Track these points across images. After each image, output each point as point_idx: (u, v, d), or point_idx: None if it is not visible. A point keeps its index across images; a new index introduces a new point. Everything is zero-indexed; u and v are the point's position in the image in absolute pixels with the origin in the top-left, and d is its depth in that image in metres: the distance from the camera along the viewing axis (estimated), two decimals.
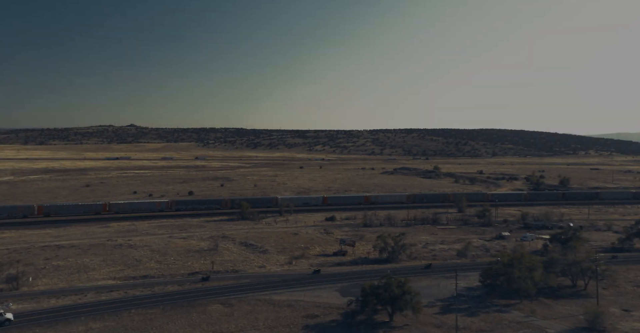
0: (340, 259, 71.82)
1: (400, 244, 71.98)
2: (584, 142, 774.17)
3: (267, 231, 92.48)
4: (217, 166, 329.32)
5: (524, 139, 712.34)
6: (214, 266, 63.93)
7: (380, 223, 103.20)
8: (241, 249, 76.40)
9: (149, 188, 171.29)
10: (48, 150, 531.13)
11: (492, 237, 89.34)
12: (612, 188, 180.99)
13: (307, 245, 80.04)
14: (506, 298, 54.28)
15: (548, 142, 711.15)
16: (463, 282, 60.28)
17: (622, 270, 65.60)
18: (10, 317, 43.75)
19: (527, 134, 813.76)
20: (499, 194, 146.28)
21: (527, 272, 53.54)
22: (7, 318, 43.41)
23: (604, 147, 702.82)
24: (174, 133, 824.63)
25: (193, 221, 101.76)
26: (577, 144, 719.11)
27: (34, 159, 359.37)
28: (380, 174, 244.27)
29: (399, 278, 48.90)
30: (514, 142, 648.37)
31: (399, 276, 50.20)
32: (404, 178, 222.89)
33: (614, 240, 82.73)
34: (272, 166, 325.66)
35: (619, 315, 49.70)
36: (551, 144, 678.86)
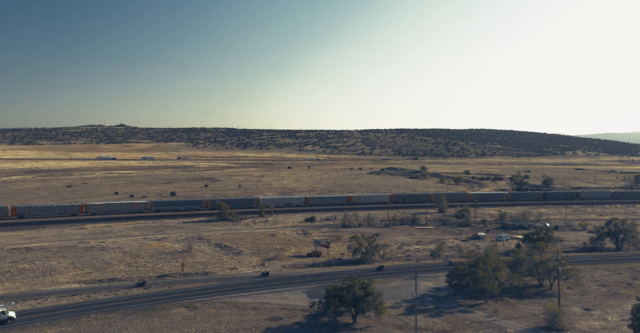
0: (314, 260, 71.71)
1: (373, 245, 72.16)
2: (572, 142, 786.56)
3: (245, 232, 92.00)
4: (205, 166, 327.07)
5: (513, 139, 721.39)
6: (184, 268, 63.33)
7: (360, 223, 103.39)
8: (215, 250, 75.86)
9: (132, 188, 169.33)
10: (35, 150, 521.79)
11: (467, 237, 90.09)
12: (594, 188, 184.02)
13: (283, 246, 79.78)
14: (472, 298, 54.73)
15: (536, 142, 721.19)
16: (432, 283, 60.70)
17: (590, 269, 66.63)
18: (13, 315, 44.73)
19: (516, 134, 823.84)
20: (481, 195, 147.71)
21: (491, 272, 54.06)
22: (10, 316, 44.56)
23: (592, 147, 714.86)
24: (164, 132, 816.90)
25: (171, 223, 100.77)
26: (565, 145, 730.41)
27: (19, 160, 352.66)
28: (367, 174, 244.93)
29: (362, 279, 48.95)
30: (503, 142, 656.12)
31: (364, 278, 50.26)
32: (390, 178, 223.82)
33: (587, 239, 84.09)
34: (260, 167, 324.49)
35: (580, 314, 50.45)
36: (539, 144, 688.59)
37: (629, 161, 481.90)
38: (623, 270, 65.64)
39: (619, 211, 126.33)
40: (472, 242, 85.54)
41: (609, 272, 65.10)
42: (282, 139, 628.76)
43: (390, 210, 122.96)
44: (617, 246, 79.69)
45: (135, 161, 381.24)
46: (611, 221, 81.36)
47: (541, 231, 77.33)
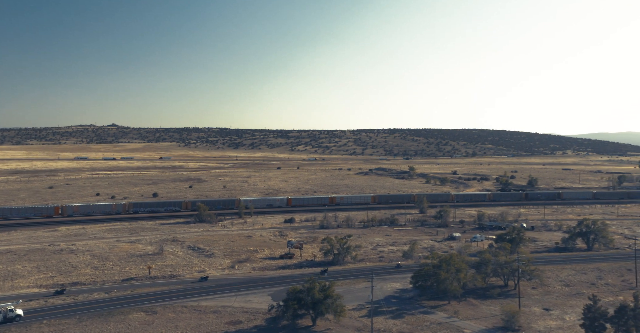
0: (286, 262, 71.45)
1: (345, 246, 72.07)
2: (562, 142, 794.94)
3: (221, 234, 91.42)
4: (194, 167, 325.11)
5: (504, 139, 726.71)
6: (150, 271, 62.68)
7: (338, 224, 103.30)
8: (187, 253, 75.24)
9: (115, 189, 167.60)
10: (23, 150, 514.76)
11: (443, 238, 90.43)
12: (576, 188, 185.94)
13: (257, 248, 79.41)
14: (436, 299, 54.89)
15: (527, 142, 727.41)
16: (399, 284, 60.78)
17: (557, 269, 67.20)
18: (21, 313, 46.62)
19: (507, 134, 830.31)
20: (464, 195, 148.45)
21: (454, 273, 54.25)
22: (18, 314, 46.29)
23: (581, 147, 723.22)
24: (156, 133, 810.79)
25: (147, 224, 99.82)
26: (556, 145, 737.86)
27: (5, 160, 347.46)
28: (355, 174, 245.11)
29: (323, 282, 48.79)
30: (494, 142, 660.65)
31: (325, 280, 50.11)
32: (378, 178, 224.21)
33: (560, 239, 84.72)
34: (250, 167, 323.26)
35: (539, 314, 50.82)
36: (530, 144, 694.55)
37: (618, 161, 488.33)
38: (589, 270, 66.29)
39: (597, 211, 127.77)
40: (447, 243, 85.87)
41: (575, 272, 65.70)
42: (274, 140, 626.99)
43: (372, 211, 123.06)
44: (588, 246, 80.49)
45: (124, 161, 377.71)
46: (582, 221, 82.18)
47: (513, 231, 77.79)
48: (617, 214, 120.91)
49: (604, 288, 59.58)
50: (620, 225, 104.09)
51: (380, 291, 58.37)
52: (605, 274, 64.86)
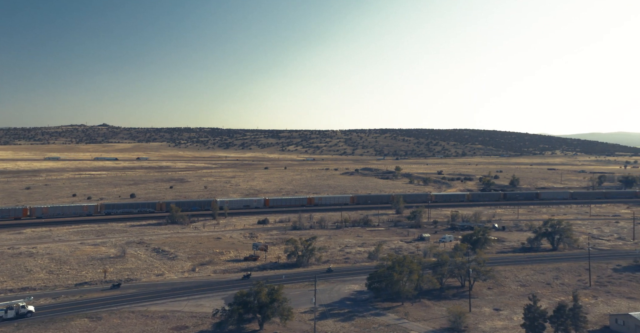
0: (249, 264, 70.88)
1: (309, 248, 71.69)
2: (552, 142, 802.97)
3: (190, 236, 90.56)
4: (182, 167, 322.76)
5: (495, 139, 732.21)
6: (106, 275, 61.72)
7: (311, 225, 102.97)
8: (151, 255, 74.32)
9: (94, 190, 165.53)
10: (10, 150, 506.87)
11: (413, 239, 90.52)
12: (558, 188, 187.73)
13: (223, 250, 78.75)
14: (390, 300, 54.80)
15: (517, 142, 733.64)
16: (357, 286, 60.53)
17: (517, 269, 67.49)
18: (32, 309, 48.27)
19: (498, 134, 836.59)
20: (443, 195, 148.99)
21: (407, 275, 54.18)
22: (29, 310, 47.99)
23: (570, 147, 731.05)
24: (147, 132, 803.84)
25: (117, 226, 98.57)
26: (545, 145, 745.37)
27: None
28: (340, 175, 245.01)
29: (271, 285, 48.36)
30: (484, 142, 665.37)
31: (273, 284, 49.68)
32: (362, 179, 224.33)
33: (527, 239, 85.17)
34: (238, 167, 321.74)
35: (488, 315, 50.95)
36: (520, 144, 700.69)
37: (605, 161, 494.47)
38: (548, 270, 66.69)
39: (572, 211, 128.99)
40: (415, 244, 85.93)
41: (534, 272, 66.06)
42: (265, 140, 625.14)
43: (349, 212, 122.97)
44: (553, 246, 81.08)
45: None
46: (547, 221, 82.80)
47: (479, 232, 78.07)
48: (590, 214, 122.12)
49: (559, 288, 59.96)
50: (590, 225, 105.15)
51: (337, 293, 58.13)
52: (564, 274, 65.29)
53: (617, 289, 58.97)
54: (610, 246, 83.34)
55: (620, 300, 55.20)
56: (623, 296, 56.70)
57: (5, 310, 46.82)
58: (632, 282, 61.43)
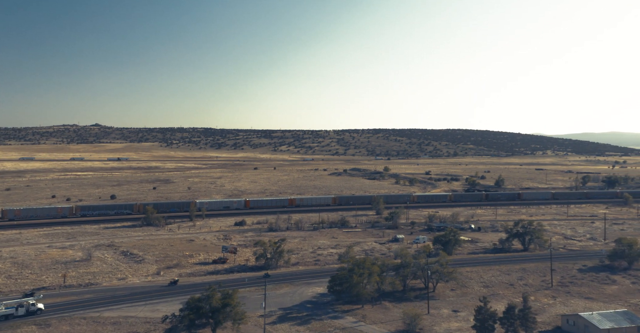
0: (216, 267, 70.25)
1: (278, 250, 71.26)
2: (544, 142, 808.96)
3: (163, 238, 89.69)
4: (171, 167, 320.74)
5: (487, 139, 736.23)
6: (65, 280, 60.81)
7: (288, 227, 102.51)
8: (117, 259, 73.43)
9: (75, 191, 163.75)
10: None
11: (387, 240, 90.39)
12: (542, 189, 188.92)
13: (193, 253, 78.05)
14: (351, 303, 54.61)
15: (509, 142, 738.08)
16: (321, 288, 60.15)
17: (483, 270, 67.59)
18: (42, 307, 49.93)
19: (490, 134, 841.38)
20: (425, 196, 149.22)
21: (367, 277, 54.00)
22: (39, 308, 49.62)
23: (562, 147, 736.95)
24: (139, 132, 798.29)
25: (90, 229, 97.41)
26: (537, 145, 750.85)
27: None
28: (328, 175, 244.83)
29: (226, 289, 47.86)
30: (476, 142, 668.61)
31: (227, 288, 49.20)
32: (349, 179, 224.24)
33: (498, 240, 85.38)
34: (228, 168, 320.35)
35: (446, 316, 50.92)
36: (511, 144, 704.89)
37: (595, 161, 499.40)
38: (514, 271, 66.87)
39: (550, 212, 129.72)
40: (389, 245, 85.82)
41: (500, 273, 66.20)
42: (258, 140, 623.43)
43: (330, 213, 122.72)
44: (524, 246, 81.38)
45: (100, 161, 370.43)
46: (519, 222, 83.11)
47: (450, 233, 78.15)
48: (568, 214, 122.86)
49: (521, 288, 60.11)
50: (566, 226, 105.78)
51: (299, 296, 57.79)
52: (529, 275, 65.50)
53: (577, 289, 59.26)
54: (581, 246, 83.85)
55: (578, 300, 55.47)
56: (582, 296, 56.99)
57: (16, 308, 48.60)
58: (594, 282, 61.78)
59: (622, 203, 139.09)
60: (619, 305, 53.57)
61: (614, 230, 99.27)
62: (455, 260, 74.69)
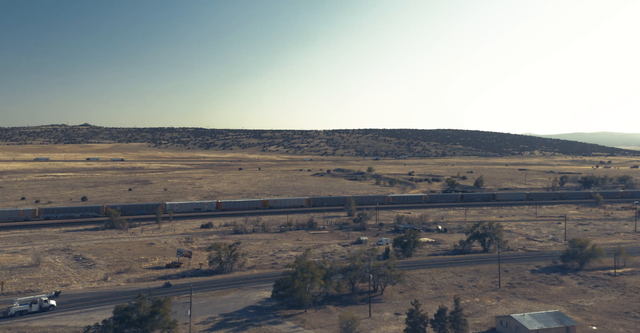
0: (168, 272, 69.07)
1: (233, 254, 70.31)
2: (532, 142, 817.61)
3: (123, 241, 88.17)
4: (155, 168, 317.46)
5: (476, 139, 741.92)
6: (3, 287, 59.17)
7: (254, 229, 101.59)
8: (68, 264, 71.84)
9: (48, 193, 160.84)
10: None
11: (351, 242, 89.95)
12: (520, 189, 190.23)
13: (148, 257, 76.73)
14: (295, 307, 53.98)
15: (498, 143, 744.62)
16: (269, 293, 59.37)
17: (438, 272, 67.40)
18: (54, 303, 52.02)
19: (480, 134, 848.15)
20: (400, 197, 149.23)
21: (309, 281, 53.43)
22: (52, 304, 51.63)
23: (550, 147, 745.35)
24: (128, 132, 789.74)
25: (50, 232, 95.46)
26: (525, 145, 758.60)
27: None
28: (310, 176, 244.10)
29: (158, 297, 46.82)
30: (465, 143, 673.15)
31: (160, 296, 48.18)
32: (331, 180, 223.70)
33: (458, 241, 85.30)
34: (214, 168, 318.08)
35: (387, 319, 50.56)
36: (500, 144, 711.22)
37: (580, 161, 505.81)
38: (467, 273, 66.78)
39: (522, 212, 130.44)
40: (351, 247, 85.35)
41: (453, 275, 66.07)
42: (247, 140, 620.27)
43: (302, 214, 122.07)
44: (484, 248, 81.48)
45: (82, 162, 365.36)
46: (479, 223, 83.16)
47: (409, 235, 77.93)
48: (537, 215, 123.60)
49: (470, 290, 60.02)
50: (531, 226, 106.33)
51: (244, 301, 56.96)
52: (481, 276, 65.45)
53: (523, 290, 59.33)
54: (541, 247, 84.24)
55: (521, 302, 55.52)
56: (526, 297, 57.05)
57: (30, 304, 50.87)
58: (542, 283, 61.93)
59: (594, 204, 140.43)
60: (558, 306, 53.79)
61: (578, 231, 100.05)
62: (412, 261, 74.61)
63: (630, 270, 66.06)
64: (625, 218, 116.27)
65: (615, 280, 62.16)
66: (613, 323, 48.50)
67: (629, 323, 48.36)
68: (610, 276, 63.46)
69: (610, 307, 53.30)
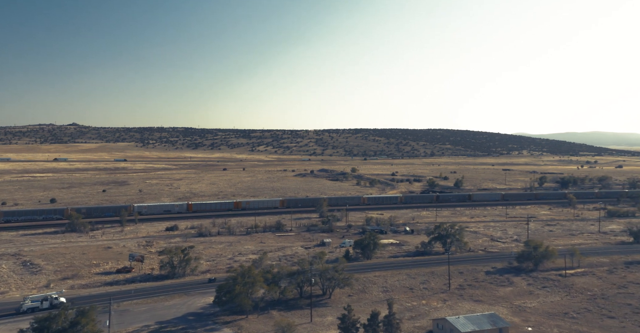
0: (117, 277, 67.25)
1: (186, 258, 68.73)
2: (521, 142, 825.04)
3: (80, 245, 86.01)
4: (139, 168, 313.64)
5: (466, 139, 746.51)
6: None
7: (219, 231, 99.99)
8: (13, 270, 69.58)
9: (18, 195, 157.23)
10: None
11: (315, 244, 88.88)
12: (499, 189, 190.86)
13: (101, 262, 74.78)
14: (236, 313, 52.72)
15: (487, 142, 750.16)
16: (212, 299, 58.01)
17: (392, 274, 66.61)
18: (64, 300, 53.26)
19: (470, 134, 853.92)
20: (375, 198, 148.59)
21: (250, 286, 52.28)
22: (61, 301, 53.16)
23: (538, 147, 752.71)
24: (116, 132, 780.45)
25: (6, 235, 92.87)
26: (514, 144, 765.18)
27: None
28: (293, 176, 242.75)
29: (83, 307, 45.19)
30: (455, 142, 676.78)
31: (84, 305, 46.57)
32: (312, 180, 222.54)
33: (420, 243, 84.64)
34: (199, 168, 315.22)
35: (327, 324, 49.73)
36: (489, 144, 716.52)
37: (567, 161, 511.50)
38: (422, 275, 66.08)
39: (494, 213, 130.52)
40: (314, 249, 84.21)
41: (407, 277, 65.31)
42: (236, 140, 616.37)
43: (274, 216, 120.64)
44: (446, 249, 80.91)
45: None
46: (440, 225, 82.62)
47: (369, 237, 77.10)
48: (507, 216, 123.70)
49: (419, 292, 59.35)
50: (499, 227, 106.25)
51: (186, 307, 55.49)
52: (435, 278, 64.78)
53: (472, 292, 58.78)
54: (502, 248, 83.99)
55: (466, 303, 54.96)
56: (472, 299, 56.51)
57: (41, 301, 52.82)
58: (492, 285, 61.46)
59: (567, 204, 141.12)
60: (502, 307, 53.37)
61: (544, 231, 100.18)
62: (370, 264, 73.74)
63: (582, 271, 65.94)
64: (594, 219, 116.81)
65: (564, 280, 61.95)
66: (549, 323, 48.16)
67: (564, 324, 48.05)
68: (561, 277, 63.27)
69: (552, 307, 53.00)
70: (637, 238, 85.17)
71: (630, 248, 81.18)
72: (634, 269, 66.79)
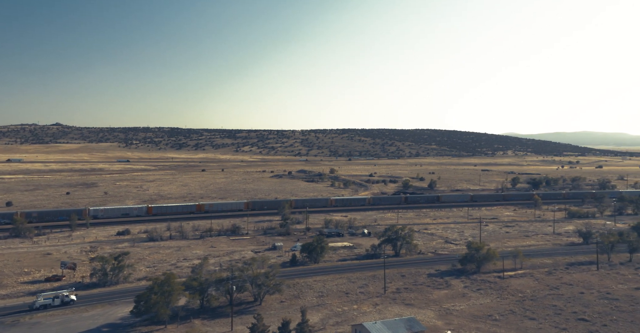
0: (41, 287, 63.83)
1: (119, 265, 66.00)
2: (507, 142, 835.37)
3: (19, 251, 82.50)
4: (117, 169, 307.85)
5: (452, 139, 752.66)
6: None
7: (171, 235, 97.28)
8: None
9: None
10: None
11: (266, 248, 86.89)
12: (471, 190, 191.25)
13: (32, 270, 71.56)
14: (155, 323, 50.41)
15: (473, 143, 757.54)
16: None
17: (333, 279, 65.05)
18: (74, 298, 55.85)
19: (457, 134, 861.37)
20: (343, 200, 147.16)
21: (168, 296, 50.10)
22: (72, 299, 55.65)
23: (523, 147, 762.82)
24: (99, 132, 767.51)
25: None
26: (500, 145, 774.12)
27: None
28: (269, 178, 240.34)
29: None
30: (441, 143, 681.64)
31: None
32: (287, 181, 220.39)
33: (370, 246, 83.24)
34: (178, 169, 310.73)
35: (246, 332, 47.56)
36: (474, 145, 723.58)
37: (550, 161, 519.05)
38: (363, 278, 64.67)
39: (457, 214, 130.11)
40: (264, 253, 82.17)
41: (347, 281, 63.81)
42: (221, 140, 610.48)
43: (238, 218, 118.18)
44: (396, 252, 79.79)
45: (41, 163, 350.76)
46: (390, 227, 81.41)
47: (316, 241, 75.48)
48: (469, 217, 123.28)
49: (355, 297, 57.87)
50: (457, 229, 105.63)
51: (105, 318, 52.89)
52: (375, 282, 63.39)
53: (406, 296, 57.51)
54: (452, 250, 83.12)
55: (396, 307, 53.73)
56: (404, 303, 55.26)
57: (52, 299, 54.68)
58: (429, 288, 60.34)
59: (532, 205, 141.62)
60: (430, 310, 52.30)
61: (500, 233, 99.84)
62: (315, 268, 72.05)
63: (522, 272, 65.27)
64: (555, 219, 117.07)
65: (501, 282, 61.17)
66: (470, 326, 47.18)
67: (484, 326, 47.13)
68: (499, 279, 62.46)
69: (479, 310, 52.01)
70: (586, 239, 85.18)
71: (576, 249, 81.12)
72: (572, 270, 66.40)
